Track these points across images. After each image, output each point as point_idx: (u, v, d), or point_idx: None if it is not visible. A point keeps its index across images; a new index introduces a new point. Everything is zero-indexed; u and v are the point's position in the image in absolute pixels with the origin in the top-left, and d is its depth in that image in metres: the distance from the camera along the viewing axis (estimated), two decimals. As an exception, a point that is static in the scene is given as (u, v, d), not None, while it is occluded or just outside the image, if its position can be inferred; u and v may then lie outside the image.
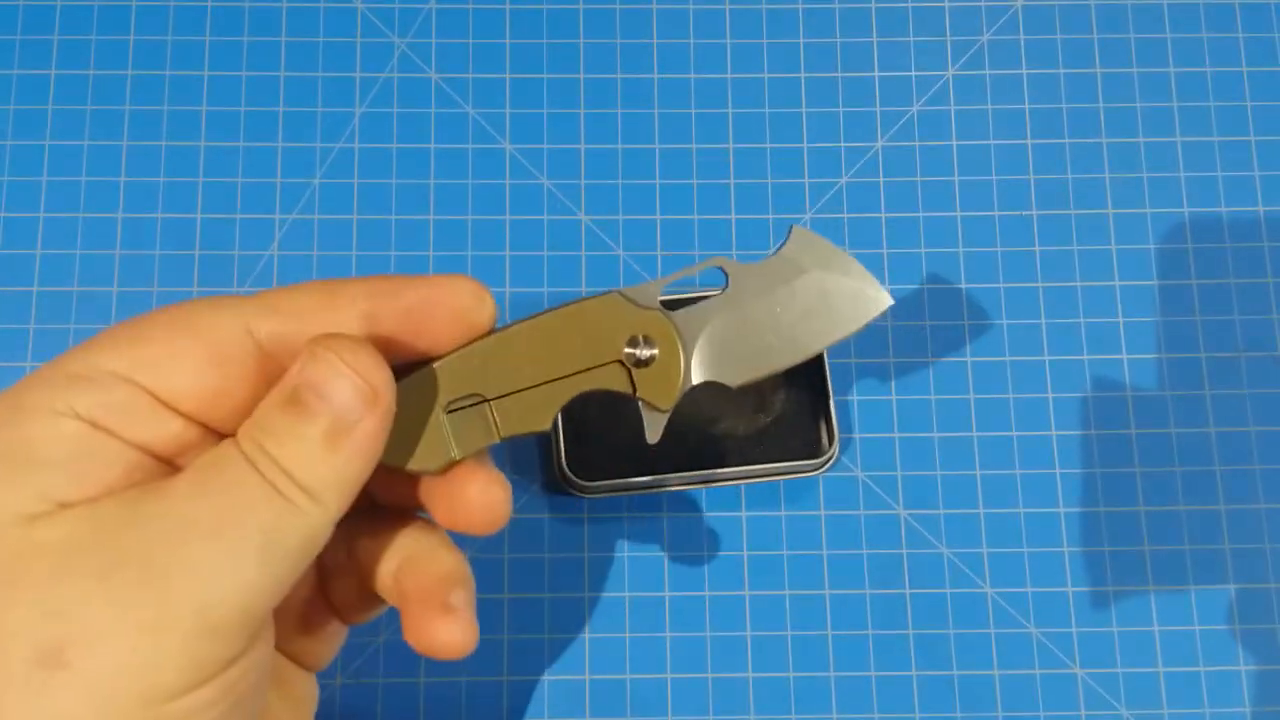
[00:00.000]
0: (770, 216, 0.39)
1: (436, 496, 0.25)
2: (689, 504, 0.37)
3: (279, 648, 0.25)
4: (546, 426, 0.24)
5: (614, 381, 0.25)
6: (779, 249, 0.27)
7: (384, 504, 0.26)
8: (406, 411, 0.23)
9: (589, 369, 0.25)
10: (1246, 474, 0.38)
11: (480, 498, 0.24)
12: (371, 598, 0.26)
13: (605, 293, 0.25)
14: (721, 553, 0.37)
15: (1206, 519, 0.37)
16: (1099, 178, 0.40)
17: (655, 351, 0.25)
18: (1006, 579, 0.37)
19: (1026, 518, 0.37)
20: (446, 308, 0.23)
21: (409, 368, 0.24)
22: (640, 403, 0.26)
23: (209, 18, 0.41)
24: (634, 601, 0.37)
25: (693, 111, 0.40)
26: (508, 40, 0.41)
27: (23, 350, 0.38)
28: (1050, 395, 0.38)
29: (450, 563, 0.25)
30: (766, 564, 0.37)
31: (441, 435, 0.24)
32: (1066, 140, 0.40)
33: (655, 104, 0.40)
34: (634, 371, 0.25)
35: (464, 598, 0.25)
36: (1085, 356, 0.39)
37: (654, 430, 0.26)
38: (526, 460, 0.38)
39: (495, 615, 0.36)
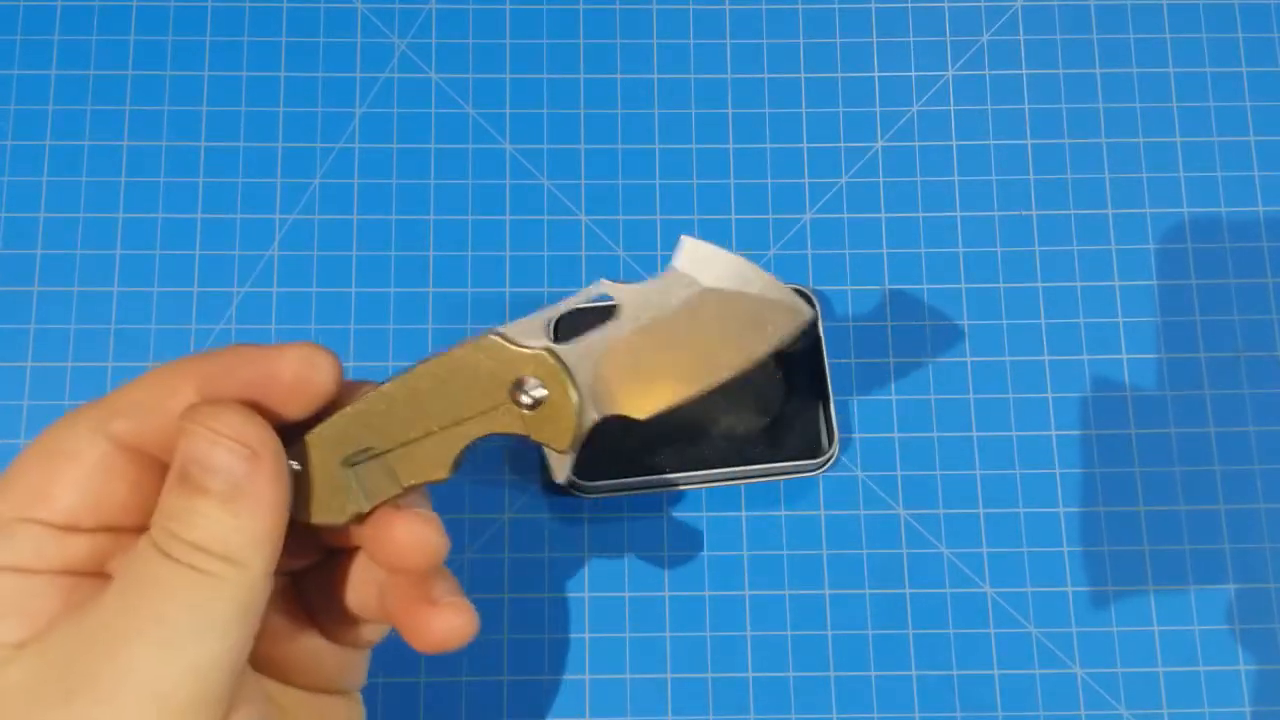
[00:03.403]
0: (770, 216, 0.40)
1: (367, 543, 0.25)
2: (689, 504, 0.37)
3: (312, 687, 0.27)
4: (444, 476, 0.24)
5: (507, 425, 0.24)
6: (670, 265, 0.25)
7: (341, 546, 0.27)
8: (308, 469, 0.24)
9: (478, 415, 0.24)
10: (1246, 474, 0.38)
11: (407, 538, 0.24)
12: (370, 624, 0.27)
13: (483, 335, 0.24)
14: (721, 553, 0.37)
15: (1206, 519, 0.37)
16: (1098, 178, 0.40)
17: (545, 392, 0.24)
18: (1006, 579, 0.37)
19: (1026, 518, 0.37)
20: (282, 381, 0.23)
21: (306, 426, 0.24)
22: (541, 445, 0.25)
23: (209, 18, 0.41)
24: (634, 601, 0.37)
25: (693, 112, 0.40)
26: (508, 40, 0.41)
27: (23, 351, 0.38)
28: (1050, 395, 0.38)
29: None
30: (766, 564, 0.37)
31: (346, 489, 0.24)
32: (1066, 140, 0.40)
33: (655, 104, 0.40)
34: (525, 414, 0.24)
35: (446, 588, 0.25)
36: (1085, 356, 0.39)
37: (560, 470, 0.25)
38: (527, 460, 0.38)
39: (495, 615, 0.36)
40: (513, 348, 0.24)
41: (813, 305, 0.37)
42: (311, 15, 0.41)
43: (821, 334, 0.37)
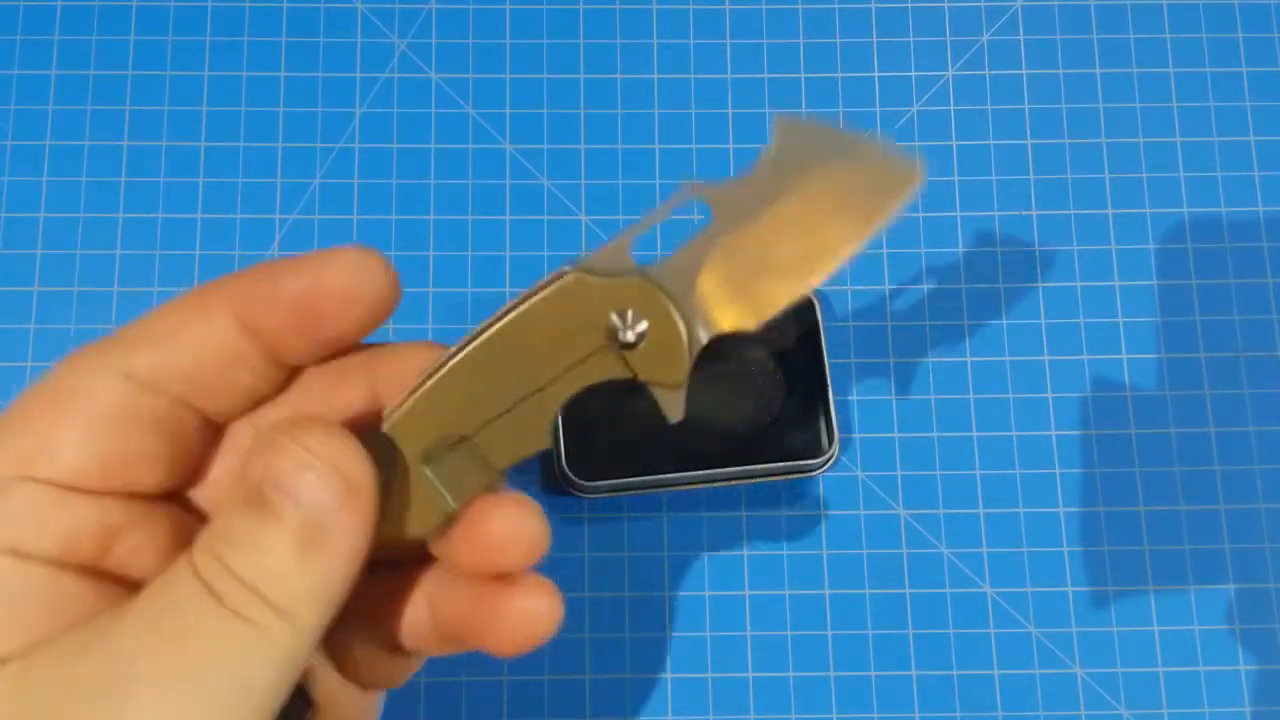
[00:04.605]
0: (770, 217, 0.39)
1: (453, 548, 0.21)
2: (689, 504, 0.37)
3: None
4: (545, 444, 0.21)
5: (608, 370, 0.21)
6: (764, 152, 0.22)
7: (385, 562, 0.22)
8: (390, 476, 0.20)
9: (573, 367, 0.21)
10: (1246, 474, 0.38)
11: (506, 530, 0.21)
12: (404, 660, 0.24)
13: (561, 275, 0.20)
14: (721, 553, 0.37)
15: (1206, 519, 0.37)
16: (1099, 178, 0.40)
17: (645, 325, 0.21)
18: (1006, 579, 0.37)
19: (1026, 517, 0.37)
20: (333, 293, 0.20)
21: (367, 427, 0.20)
22: (648, 385, 0.21)
23: (209, 18, 0.41)
24: (634, 601, 0.37)
25: (693, 111, 0.40)
26: (508, 40, 0.41)
27: (23, 351, 0.38)
28: (1050, 395, 0.38)
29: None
30: (766, 564, 0.37)
31: (430, 490, 0.20)
32: (1066, 140, 0.40)
33: (655, 104, 0.40)
34: (627, 354, 0.21)
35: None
36: (1085, 356, 0.39)
37: (673, 408, 0.21)
38: (526, 460, 0.38)
39: (495, 615, 0.36)
40: (599, 280, 0.21)
41: (813, 304, 0.37)
42: (311, 15, 0.41)
43: (822, 334, 0.37)
